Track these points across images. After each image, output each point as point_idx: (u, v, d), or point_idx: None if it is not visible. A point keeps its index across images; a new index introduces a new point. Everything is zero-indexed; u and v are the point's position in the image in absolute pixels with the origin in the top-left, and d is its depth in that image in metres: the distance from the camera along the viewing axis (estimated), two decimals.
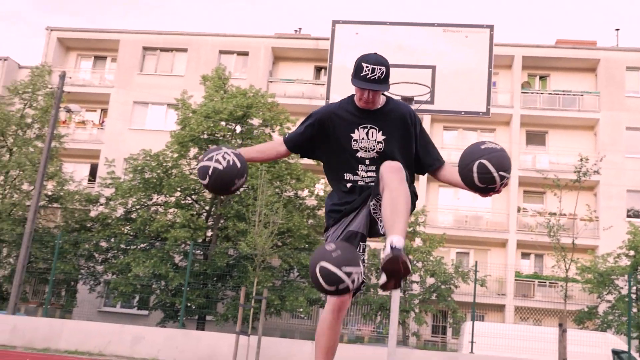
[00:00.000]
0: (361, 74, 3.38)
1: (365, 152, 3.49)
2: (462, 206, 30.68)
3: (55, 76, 27.59)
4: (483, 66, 9.49)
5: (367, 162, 3.49)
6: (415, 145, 3.56)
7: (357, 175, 3.50)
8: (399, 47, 9.64)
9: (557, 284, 26.61)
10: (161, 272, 21.43)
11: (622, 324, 21.52)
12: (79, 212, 25.70)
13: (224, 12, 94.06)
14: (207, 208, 24.47)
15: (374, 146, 3.48)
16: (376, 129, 3.49)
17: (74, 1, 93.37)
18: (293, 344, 14.56)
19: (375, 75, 3.36)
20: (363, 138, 3.49)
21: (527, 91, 31.47)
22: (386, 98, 3.58)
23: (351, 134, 3.49)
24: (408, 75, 9.27)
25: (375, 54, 3.46)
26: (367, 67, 3.37)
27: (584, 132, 30.98)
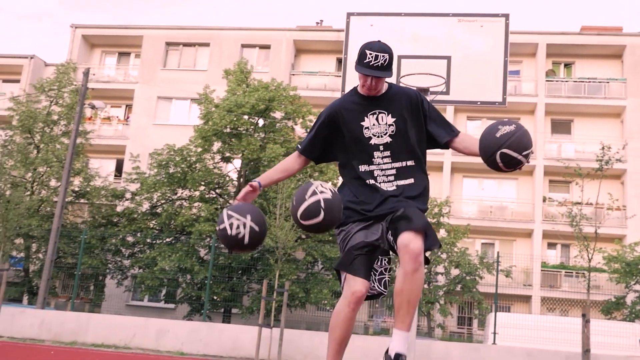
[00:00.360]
0: (364, 61, 3.43)
1: (378, 137, 3.52)
2: (487, 196, 30.49)
3: (81, 73, 27.93)
4: (499, 55, 9.44)
5: (382, 148, 3.52)
6: (426, 123, 3.62)
7: (373, 164, 3.52)
8: (414, 38, 9.62)
9: (584, 274, 26.38)
10: (186, 265, 21.65)
11: None
12: (105, 207, 26.05)
13: (246, 6, 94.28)
14: (231, 201, 24.63)
15: (385, 130, 3.53)
16: (385, 113, 3.54)
17: None
18: (315, 336, 14.64)
19: (378, 62, 3.41)
20: (374, 124, 3.53)
21: (551, 79, 31.11)
22: (388, 84, 3.63)
23: (362, 123, 3.54)
24: (423, 66, 9.25)
25: (378, 41, 3.50)
26: (370, 54, 3.42)
27: (611, 120, 30.56)
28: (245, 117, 23.90)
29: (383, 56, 3.42)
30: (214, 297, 22.15)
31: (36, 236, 23.96)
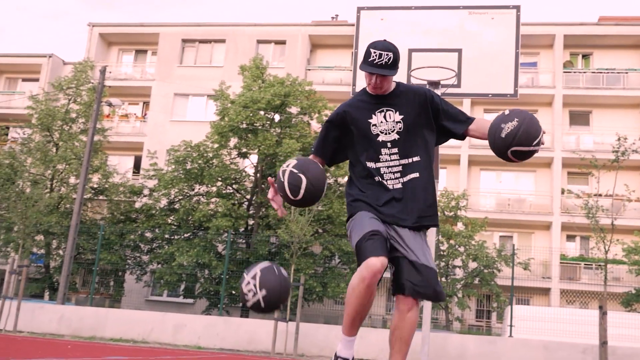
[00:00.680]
0: (369, 59, 3.46)
1: (385, 134, 3.55)
2: (505, 189, 30.35)
3: (98, 71, 28.16)
4: (510, 47, 9.39)
5: (389, 145, 3.55)
6: (439, 118, 3.64)
7: (380, 161, 3.55)
8: (425, 31, 9.61)
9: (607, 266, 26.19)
10: (204, 260, 21.80)
11: None
12: (124, 203, 26.30)
13: (261, 2, 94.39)
14: (247, 197, 24.76)
15: (393, 127, 3.55)
16: (392, 110, 3.57)
17: None
18: (331, 330, 14.70)
19: (383, 60, 3.43)
20: (382, 121, 3.56)
21: (569, 70, 30.87)
22: (396, 83, 3.65)
23: (369, 120, 3.57)
24: (434, 59, 9.24)
25: (384, 40, 3.53)
26: (374, 52, 3.44)
27: (630, 111, 30.26)
28: (261, 112, 23.98)
29: (387, 54, 3.43)
30: (232, 292, 22.28)
31: (56, 233, 24.25)
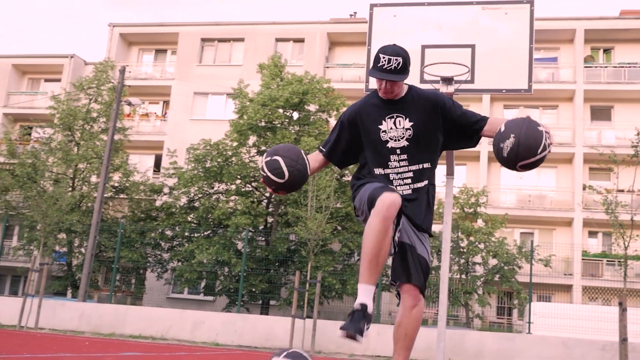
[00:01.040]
0: (378, 65, 3.43)
1: (395, 141, 3.53)
2: (525, 185, 30.13)
3: (118, 71, 28.42)
4: (524, 42, 9.31)
5: (398, 152, 3.53)
6: (451, 126, 3.59)
7: (389, 167, 3.54)
8: (438, 27, 9.57)
9: (627, 262, 25.91)
10: (224, 258, 21.94)
11: None
12: (144, 202, 26.52)
13: (280, 0, 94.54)
14: (267, 195, 24.85)
15: (402, 134, 3.53)
16: (403, 117, 3.54)
17: None
18: None
19: (392, 65, 3.40)
20: (391, 128, 3.54)
21: (590, 65, 30.55)
22: (408, 86, 3.61)
23: (379, 126, 3.55)
24: (447, 55, 9.21)
25: (394, 45, 3.50)
26: (383, 57, 3.42)
27: None
28: (280, 110, 24.06)
29: (396, 59, 3.41)
30: (252, 290, 22.40)
31: (78, 231, 24.52)
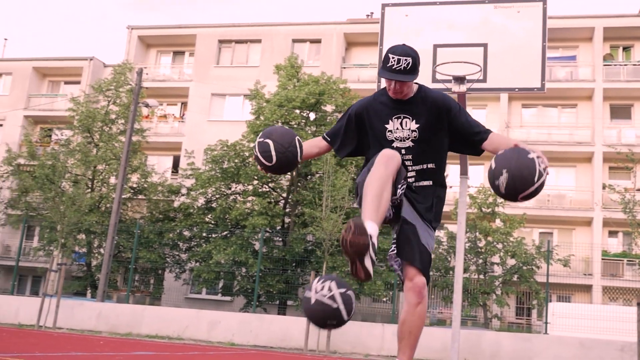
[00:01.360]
0: (387, 65, 3.42)
1: (400, 141, 3.54)
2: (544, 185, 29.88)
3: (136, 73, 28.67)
4: (537, 41, 9.27)
5: (403, 152, 3.53)
6: (455, 129, 3.57)
7: None
8: (450, 27, 9.56)
9: None
10: (241, 258, 22.03)
11: None
12: (162, 203, 26.70)
13: (296, 1, 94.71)
14: (283, 195, 24.90)
15: (408, 135, 3.53)
16: (409, 118, 3.54)
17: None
18: (362, 327, 14.72)
19: (401, 65, 3.39)
20: (397, 128, 3.54)
21: (609, 63, 30.26)
22: (418, 86, 3.60)
23: (385, 125, 3.55)
24: (459, 54, 9.19)
25: (403, 45, 3.49)
26: (393, 57, 3.41)
27: None
28: (297, 111, 24.12)
29: (406, 60, 3.40)
30: (270, 290, 22.46)
31: (97, 232, 24.75)
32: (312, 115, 24.64)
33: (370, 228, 3.01)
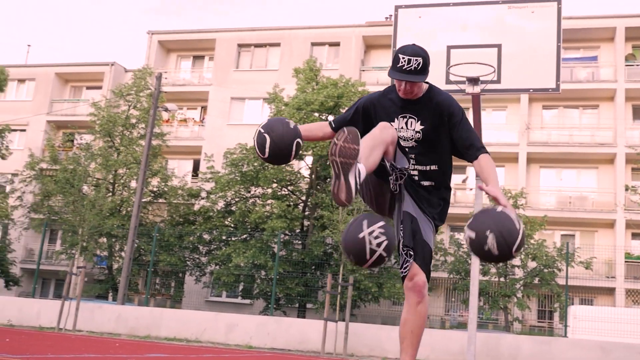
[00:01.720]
0: (397, 65, 3.42)
1: (404, 141, 3.55)
2: (566, 187, 29.63)
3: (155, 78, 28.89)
4: (551, 41, 9.20)
5: (407, 150, 3.56)
6: (452, 137, 3.56)
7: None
8: (463, 28, 9.52)
9: None
10: (260, 262, 22.09)
11: None
12: (183, 206, 26.87)
13: (315, 4, 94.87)
14: (303, 198, 24.94)
15: (412, 135, 3.54)
16: (415, 119, 3.54)
17: (174, 4, 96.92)
18: (381, 330, 14.67)
19: (411, 66, 3.39)
20: (402, 127, 3.55)
21: (631, 64, 29.92)
22: (428, 86, 3.60)
23: (391, 123, 3.54)
24: (473, 55, 9.15)
25: (413, 45, 3.48)
26: (403, 58, 3.40)
27: None
28: (315, 114, 24.14)
29: (416, 60, 3.39)
30: (289, 293, 22.49)
31: (117, 235, 24.96)
32: (330, 118, 24.62)
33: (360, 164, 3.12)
